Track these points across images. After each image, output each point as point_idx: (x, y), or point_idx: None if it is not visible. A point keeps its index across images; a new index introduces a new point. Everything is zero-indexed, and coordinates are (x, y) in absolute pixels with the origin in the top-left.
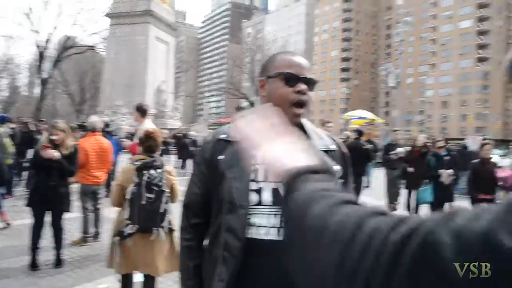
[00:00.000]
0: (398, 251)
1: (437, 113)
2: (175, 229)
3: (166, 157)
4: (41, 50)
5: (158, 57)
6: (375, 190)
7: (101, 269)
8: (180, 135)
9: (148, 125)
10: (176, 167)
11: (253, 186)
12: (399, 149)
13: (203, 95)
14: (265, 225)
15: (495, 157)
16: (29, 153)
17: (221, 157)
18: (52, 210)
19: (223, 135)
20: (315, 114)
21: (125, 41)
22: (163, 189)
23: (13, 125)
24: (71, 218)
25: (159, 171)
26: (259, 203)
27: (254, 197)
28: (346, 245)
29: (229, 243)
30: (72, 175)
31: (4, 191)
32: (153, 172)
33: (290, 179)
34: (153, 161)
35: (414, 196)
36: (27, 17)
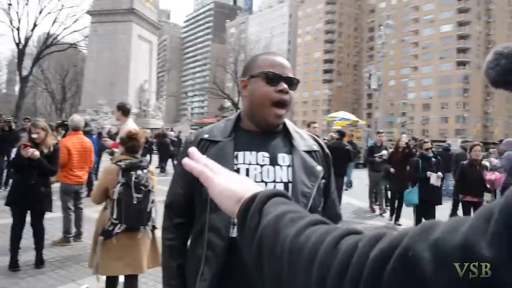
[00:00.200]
0: (378, 267)
1: (418, 115)
2: (157, 226)
3: (149, 156)
4: (21, 47)
5: (140, 56)
6: (357, 191)
7: (83, 269)
8: (160, 133)
9: (130, 124)
10: (157, 166)
11: None
12: (384, 152)
13: (186, 95)
14: None
15: None
16: (13, 152)
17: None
18: (31, 209)
19: (206, 135)
20: (298, 115)
21: (107, 39)
22: (150, 189)
23: None
24: (52, 218)
25: (145, 171)
26: None
27: None
28: (324, 265)
29: (212, 242)
30: (53, 174)
31: None
32: (140, 172)
33: (247, 205)
34: (140, 161)
35: (397, 197)
36: (6, 13)
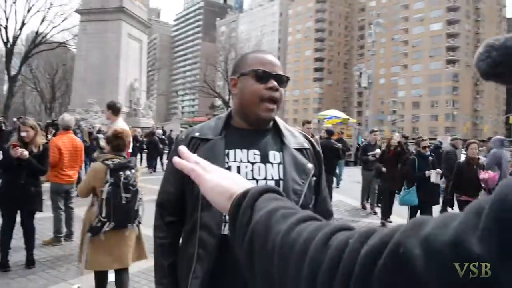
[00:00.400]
0: (369, 263)
1: (408, 113)
2: (142, 222)
3: (139, 156)
4: (9, 46)
5: (130, 54)
6: (349, 189)
7: (74, 269)
8: (149, 132)
9: (120, 123)
10: (148, 166)
11: None
12: (378, 150)
13: (177, 94)
14: None
15: (463, 157)
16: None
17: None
18: (21, 209)
19: (197, 133)
20: (289, 113)
21: (97, 38)
22: (138, 188)
23: None
24: (42, 217)
25: (133, 171)
26: None
27: None
28: (315, 260)
29: (204, 240)
30: (43, 174)
31: None
32: (128, 173)
33: (239, 201)
34: (128, 161)
35: (389, 196)
36: None
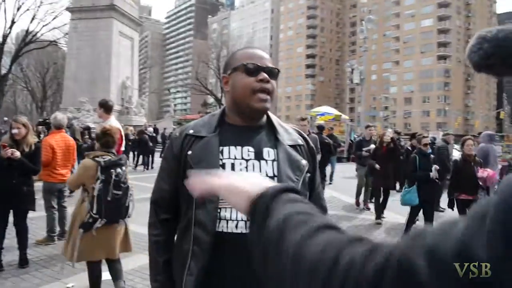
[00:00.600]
0: (376, 281)
1: (400, 109)
2: (130, 216)
3: (132, 154)
4: None
5: (122, 52)
6: (341, 185)
7: (68, 268)
8: (140, 130)
9: (113, 121)
10: (141, 164)
11: None
12: (372, 146)
13: (169, 91)
14: (234, 219)
15: (456, 152)
16: None
17: (189, 153)
18: (14, 209)
19: (191, 131)
20: (281, 110)
21: (88, 36)
22: (129, 185)
23: None
24: (35, 217)
25: (123, 168)
26: None
27: None
28: (324, 278)
29: (198, 237)
30: (35, 173)
31: None
32: (119, 170)
33: (256, 201)
34: (119, 159)
35: (383, 193)
36: None
